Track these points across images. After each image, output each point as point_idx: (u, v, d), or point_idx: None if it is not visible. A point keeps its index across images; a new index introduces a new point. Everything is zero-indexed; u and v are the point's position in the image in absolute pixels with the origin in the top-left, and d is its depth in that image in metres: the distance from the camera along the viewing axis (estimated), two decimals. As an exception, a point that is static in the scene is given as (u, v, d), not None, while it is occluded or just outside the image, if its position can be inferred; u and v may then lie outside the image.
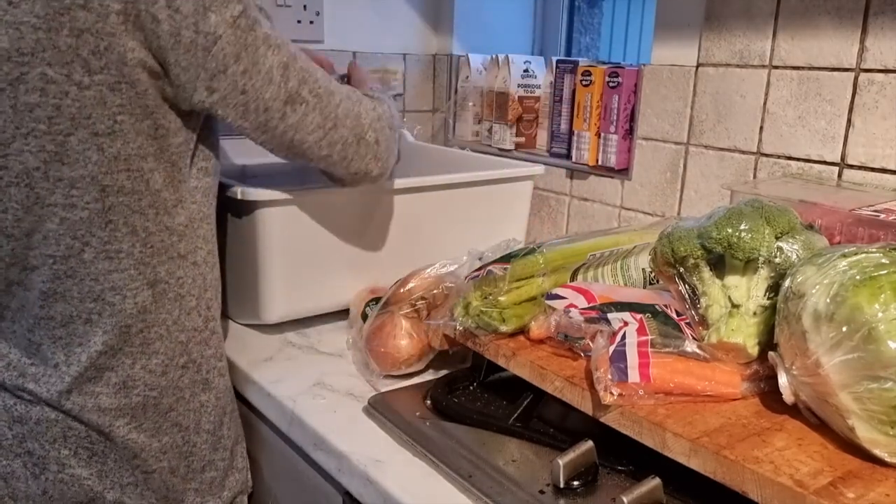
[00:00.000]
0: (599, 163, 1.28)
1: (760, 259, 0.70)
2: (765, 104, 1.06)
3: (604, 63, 1.28)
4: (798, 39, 1.00)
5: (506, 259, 0.83)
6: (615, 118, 1.23)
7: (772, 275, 0.70)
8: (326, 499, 0.86)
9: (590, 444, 0.68)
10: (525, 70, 1.44)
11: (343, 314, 1.02)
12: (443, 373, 0.91)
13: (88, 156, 0.70)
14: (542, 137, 1.43)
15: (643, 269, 0.92)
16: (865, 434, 0.57)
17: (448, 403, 0.82)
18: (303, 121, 0.78)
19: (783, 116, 1.04)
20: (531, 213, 1.35)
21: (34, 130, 0.68)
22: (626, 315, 0.72)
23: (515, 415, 0.78)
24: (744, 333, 0.68)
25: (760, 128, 1.07)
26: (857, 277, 0.58)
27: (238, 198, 0.91)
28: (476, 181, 1.13)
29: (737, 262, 0.70)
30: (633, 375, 0.66)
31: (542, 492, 0.67)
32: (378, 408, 0.82)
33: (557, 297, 0.78)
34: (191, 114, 0.76)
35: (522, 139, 1.46)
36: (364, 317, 0.96)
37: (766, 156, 1.06)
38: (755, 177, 1.08)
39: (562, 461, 0.66)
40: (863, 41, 0.94)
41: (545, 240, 0.90)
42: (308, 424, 0.82)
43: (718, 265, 0.72)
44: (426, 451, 0.74)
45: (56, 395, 0.75)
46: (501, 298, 0.80)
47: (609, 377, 0.66)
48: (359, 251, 1.04)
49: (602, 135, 1.27)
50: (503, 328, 0.80)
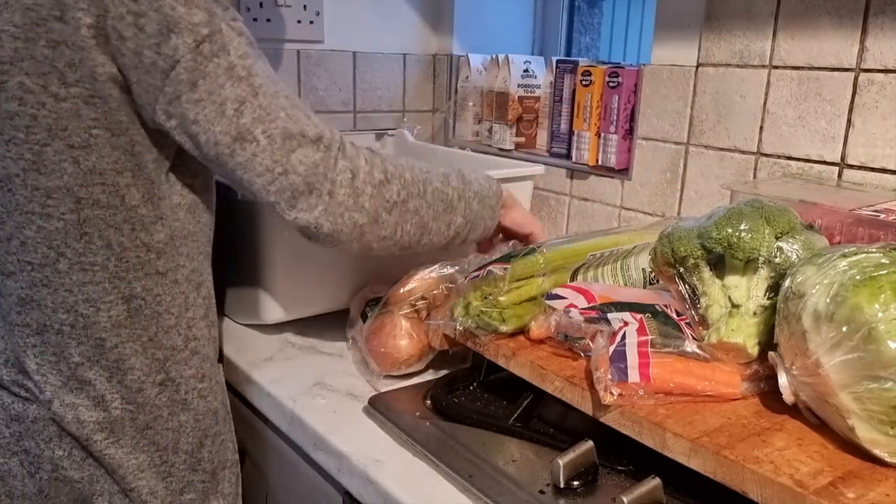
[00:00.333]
0: (599, 163, 1.28)
1: (760, 259, 0.70)
2: (765, 104, 1.05)
3: (604, 63, 1.28)
4: (798, 39, 1.00)
5: (506, 259, 0.84)
6: (615, 118, 1.23)
7: (772, 275, 0.70)
8: (326, 499, 0.86)
9: (590, 444, 0.68)
10: (525, 70, 1.44)
11: (343, 314, 1.02)
12: (443, 373, 0.91)
13: (64, 167, 0.69)
14: (542, 137, 1.43)
15: (643, 269, 0.92)
16: (865, 434, 0.57)
17: (448, 403, 0.82)
18: (251, 161, 0.71)
19: (783, 116, 1.04)
20: (531, 214, 1.35)
21: (14, 138, 0.68)
22: (626, 315, 0.72)
23: (515, 415, 0.78)
24: (744, 333, 0.68)
25: (760, 128, 1.06)
26: (857, 277, 0.58)
27: (238, 198, 0.91)
28: (476, 181, 1.12)
29: (737, 262, 0.70)
30: (633, 375, 0.66)
31: (542, 492, 0.67)
32: (378, 408, 0.82)
33: (557, 297, 0.78)
34: (164, 131, 0.72)
35: (522, 139, 1.45)
36: (364, 317, 0.96)
37: (766, 156, 1.06)
38: (755, 177, 1.08)
39: (562, 461, 0.66)
40: (863, 41, 0.94)
41: (545, 240, 0.90)
42: (308, 424, 0.82)
43: (718, 265, 0.72)
44: (426, 451, 0.74)
45: (45, 400, 0.75)
46: (501, 298, 0.80)
47: (609, 377, 0.66)
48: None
49: (602, 135, 1.26)
50: (503, 328, 0.80)
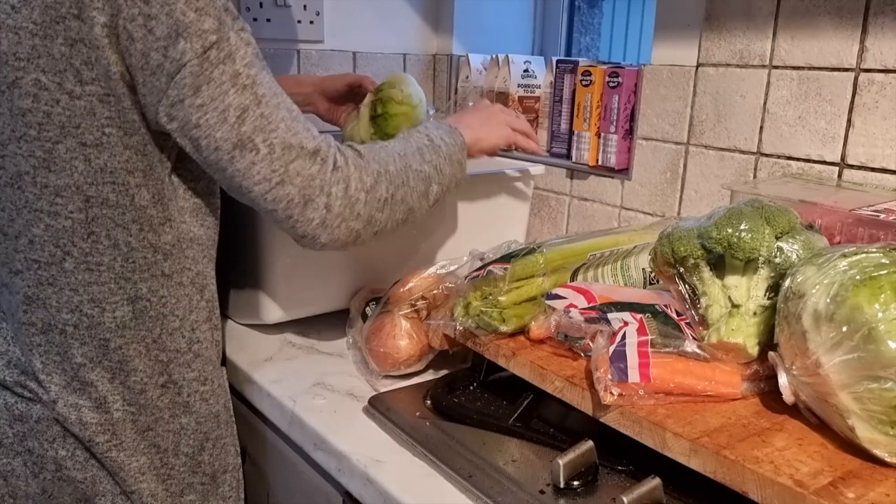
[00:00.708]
0: (599, 163, 1.28)
1: (760, 259, 0.70)
2: (765, 104, 1.05)
3: (604, 63, 1.28)
4: (798, 39, 1.00)
5: (506, 259, 0.83)
6: (615, 118, 1.23)
7: (772, 275, 0.70)
8: (326, 499, 0.86)
9: (590, 444, 0.68)
10: (525, 70, 1.44)
11: (343, 314, 1.02)
12: (443, 373, 0.91)
13: (75, 165, 0.69)
14: (542, 137, 1.43)
15: (643, 269, 0.92)
16: (865, 434, 0.57)
17: (448, 403, 0.82)
18: (250, 169, 0.73)
19: (783, 116, 1.04)
20: (531, 213, 1.35)
21: (25, 135, 0.68)
22: (626, 315, 0.72)
23: (515, 415, 0.78)
24: (744, 333, 0.68)
25: (760, 128, 1.06)
26: (857, 277, 0.58)
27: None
28: (476, 181, 1.13)
29: (737, 262, 0.70)
30: (633, 375, 0.66)
31: (543, 492, 0.67)
32: (378, 408, 0.82)
33: (557, 297, 0.78)
34: (166, 132, 0.73)
35: (522, 139, 1.45)
36: (364, 317, 0.96)
37: (766, 156, 1.06)
38: (755, 177, 1.08)
39: (562, 461, 0.66)
40: (863, 41, 0.94)
41: (545, 240, 0.90)
42: (308, 424, 0.82)
43: (718, 265, 0.72)
44: (426, 451, 0.74)
45: (49, 401, 0.75)
46: (501, 298, 0.80)
47: (609, 377, 0.66)
48: (359, 251, 1.04)
49: (602, 135, 1.26)
50: (503, 328, 0.80)
